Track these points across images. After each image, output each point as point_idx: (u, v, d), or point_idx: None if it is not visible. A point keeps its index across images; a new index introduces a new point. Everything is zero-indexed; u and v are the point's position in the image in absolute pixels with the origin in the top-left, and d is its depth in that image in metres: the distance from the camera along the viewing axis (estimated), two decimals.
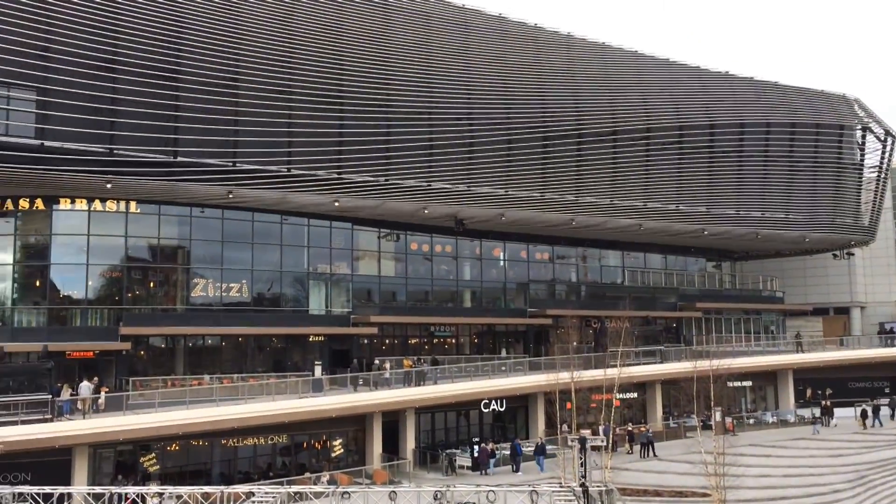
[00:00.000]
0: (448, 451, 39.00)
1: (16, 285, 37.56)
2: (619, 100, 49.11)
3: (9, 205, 36.89)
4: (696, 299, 60.47)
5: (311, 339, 43.80)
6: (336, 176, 39.33)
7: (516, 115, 44.96)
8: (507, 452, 38.24)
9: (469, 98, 43.67)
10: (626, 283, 58.59)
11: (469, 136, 43.35)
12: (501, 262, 53.18)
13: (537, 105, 45.85)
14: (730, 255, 67.68)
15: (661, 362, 48.29)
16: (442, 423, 43.90)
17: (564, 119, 46.49)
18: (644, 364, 46.67)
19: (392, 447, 38.78)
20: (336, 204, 41.27)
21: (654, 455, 39.95)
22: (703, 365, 36.76)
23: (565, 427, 34.34)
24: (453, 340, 50.44)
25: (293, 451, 38.48)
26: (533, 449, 38.37)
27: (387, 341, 47.35)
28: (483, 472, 36.65)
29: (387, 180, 40.78)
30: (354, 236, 46.11)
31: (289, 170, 38.15)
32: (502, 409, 43.25)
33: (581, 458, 18.01)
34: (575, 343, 40.36)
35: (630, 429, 43.27)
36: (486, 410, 42.90)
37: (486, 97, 44.19)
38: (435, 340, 49.43)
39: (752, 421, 50.28)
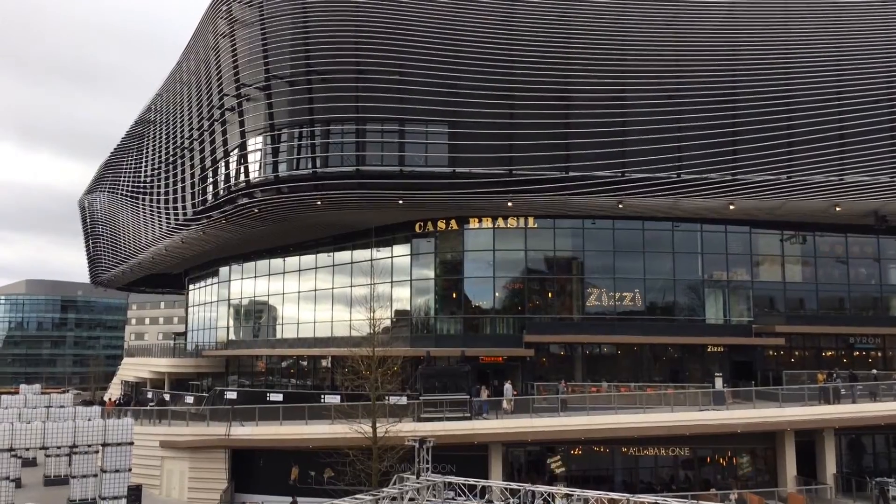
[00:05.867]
0: (878, 479, 34.27)
1: (437, 297, 42.69)
2: None
3: (429, 226, 42.24)
4: None
5: (708, 350, 42.16)
6: (730, 178, 37.37)
7: None
8: None
9: (890, 74, 37.96)
10: None
11: (890, 118, 37.70)
12: None
13: None
14: None
15: None
16: (869, 446, 38.67)
17: None
18: None
19: (808, 469, 35.54)
20: (731, 207, 39.18)
21: None
22: None
23: None
24: (878, 353, 44.16)
25: (696, 465, 37.15)
26: None
27: (796, 353, 43.37)
28: None
29: (789, 178, 37.50)
30: (753, 240, 43.15)
31: (678, 175, 37.25)
32: None
33: None
34: None
35: None
36: None
37: None
38: (855, 353, 43.91)
39: None
